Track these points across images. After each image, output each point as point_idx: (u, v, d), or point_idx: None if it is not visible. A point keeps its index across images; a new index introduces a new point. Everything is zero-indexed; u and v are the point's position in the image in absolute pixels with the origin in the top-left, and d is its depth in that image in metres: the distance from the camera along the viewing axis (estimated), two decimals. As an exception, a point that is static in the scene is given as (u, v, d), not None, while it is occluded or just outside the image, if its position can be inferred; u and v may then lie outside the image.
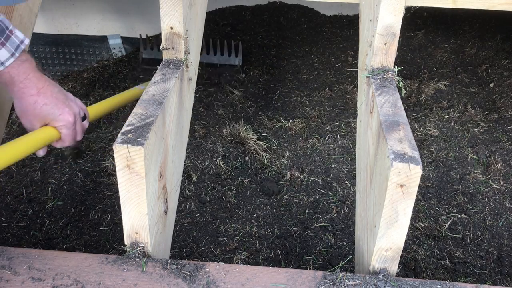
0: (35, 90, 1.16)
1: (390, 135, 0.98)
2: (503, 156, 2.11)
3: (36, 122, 1.19)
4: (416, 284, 0.95)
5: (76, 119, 1.24)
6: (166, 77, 1.23)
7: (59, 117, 1.19)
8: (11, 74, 1.13)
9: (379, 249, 0.98)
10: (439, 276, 1.63)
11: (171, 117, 1.20)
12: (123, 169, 0.95)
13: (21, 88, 1.15)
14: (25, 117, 1.19)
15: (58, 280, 0.94)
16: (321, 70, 2.80)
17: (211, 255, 1.69)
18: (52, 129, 1.20)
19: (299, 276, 0.97)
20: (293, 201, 1.90)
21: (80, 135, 1.29)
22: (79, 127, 1.28)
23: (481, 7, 1.62)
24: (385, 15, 1.23)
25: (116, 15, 3.12)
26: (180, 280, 0.95)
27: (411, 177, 0.90)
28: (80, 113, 1.27)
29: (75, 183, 2.01)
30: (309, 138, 2.24)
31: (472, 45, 2.94)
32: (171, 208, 1.26)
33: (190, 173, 2.00)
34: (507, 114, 2.38)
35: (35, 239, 1.77)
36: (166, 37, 1.31)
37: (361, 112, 1.38)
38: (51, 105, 1.17)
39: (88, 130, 2.34)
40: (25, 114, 1.18)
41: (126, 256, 1.01)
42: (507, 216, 1.86)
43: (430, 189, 1.96)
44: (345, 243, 1.72)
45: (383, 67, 1.28)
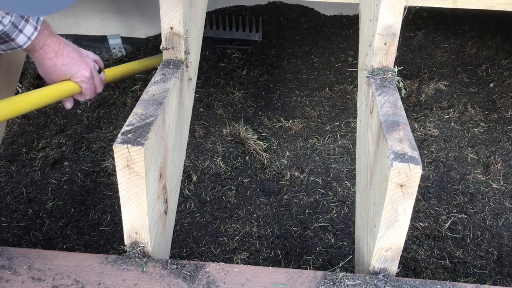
0: (53, 53, 1.28)
1: (390, 135, 0.98)
2: (503, 156, 2.11)
3: (57, 81, 1.34)
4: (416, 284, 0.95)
5: (92, 73, 1.36)
6: (166, 77, 1.23)
7: (76, 74, 1.32)
8: (33, 44, 1.24)
9: (379, 249, 0.98)
10: (439, 276, 1.64)
11: (171, 117, 1.20)
12: (123, 169, 0.95)
13: (41, 54, 1.27)
14: (48, 77, 1.34)
15: (58, 280, 0.94)
16: (321, 70, 2.80)
17: (211, 255, 1.69)
18: (73, 83, 1.34)
19: (299, 276, 0.97)
20: (293, 201, 1.90)
21: (99, 87, 1.42)
22: (97, 80, 1.40)
23: (481, 7, 1.62)
24: (385, 15, 1.23)
25: (116, 15, 3.12)
26: (180, 280, 0.95)
27: (411, 177, 0.90)
28: (95, 67, 1.39)
29: (75, 183, 2.01)
30: (309, 138, 2.24)
31: (472, 45, 2.94)
32: (171, 208, 1.26)
33: (190, 173, 2.00)
34: (507, 114, 2.38)
35: (35, 239, 1.77)
36: (166, 37, 1.31)
37: (361, 112, 1.38)
38: (69, 65, 1.31)
39: (88, 130, 2.35)
40: (47, 75, 1.33)
41: (126, 256, 1.01)
42: (507, 216, 1.86)
43: (430, 189, 1.96)
44: (345, 243, 1.72)
45: (383, 67, 1.28)
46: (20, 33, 1.20)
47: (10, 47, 1.22)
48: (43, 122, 2.46)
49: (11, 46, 1.22)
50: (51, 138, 2.32)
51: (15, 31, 1.19)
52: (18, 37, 1.20)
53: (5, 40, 1.19)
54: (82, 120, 2.43)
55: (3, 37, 1.18)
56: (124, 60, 3.02)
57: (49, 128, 2.41)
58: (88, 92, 1.38)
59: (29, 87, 2.86)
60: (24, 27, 1.20)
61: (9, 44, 1.20)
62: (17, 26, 1.18)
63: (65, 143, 2.27)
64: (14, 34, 1.18)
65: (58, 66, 1.30)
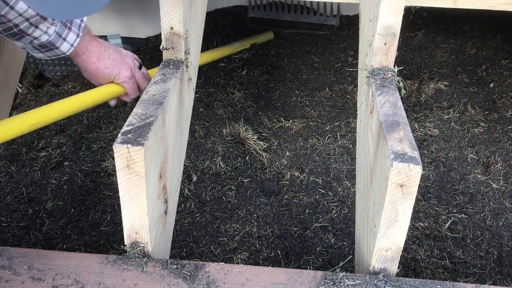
0: (95, 58, 1.37)
1: (390, 135, 0.98)
2: (503, 156, 2.11)
3: (103, 82, 1.42)
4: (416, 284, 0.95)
5: (133, 72, 1.44)
6: (166, 77, 1.24)
7: (119, 75, 1.41)
8: (76, 50, 1.32)
9: (379, 249, 0.98)
10: (439, 276, 1.64)
11: (171, 117, 1.20)
12: (123, 169, 0.95)
13: (84, 59, 1.36)
14: (93, 80, 1.44)
15: (58, 280, 0.94)
16: (321, 70, 2.80)
17: (211, 255, 1.69)
18: (116, 85, 1.43)
19: (299, 276, 0.97)
20: (293, 201, 1.90)
21: (143, 83, 1.48)
22: (139, 77, 1.47)
23: (481, 7, 1.62)
24: (385, 15, 1.23)
25: (116, 15, 3.12)
26: (180, 280, 0.95)
27: (411, 177, 0.90)
28: (135, 64, 1.47)
29: (75, 183, 2.01)
30: (309, 138, 2.24)
31: (472, 45, 2.94)
32: (171, 208, 1.26)
33: (190, 173, 2.00)
34: (507, 114, 2.38)
35: (35, 239, 1.77)
36: (166, 37, 1.31)
37: (361, 112, 1.38)
38: (111, 67, 1.39)
39: (88, 130, 2.35)
40: (92, 78, 1.43)
41: (126, 256, 1.01)
42: (507, 216, 1.86)
43: (430, 189, 1.96)
44: (345, 243, 1.73)
45: (383, 67, 1.28)
46: (64, 41, 1.27)
47: (55, 54, 1.29)
48: (43, 122, 2.45)
49: (55, 54, 1.29)
50: (51, 138, 2.32)
51: (59, 39, 1.26)
52: (62, 45, 1.27)
53: (50, 48, 1.26)
54: (82, 120, 2.43)
55: (48, 46, 1.25)
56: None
57: (49, 128, 2.41)
58: (132, 92, 1.46)
59: (29, 87, 2.86)
60: (67, 35, 1.27)
61: (53, 51, 1.28)
62: (61, 35, 1.26)
63: (65, 143, 2.27)
64: (59, 43, 1.26)
65: (101, 70, 1.38)
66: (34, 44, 1.24)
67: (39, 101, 2.72)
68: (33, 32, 1.19)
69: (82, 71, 1.41)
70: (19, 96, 2.84)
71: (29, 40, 1.22)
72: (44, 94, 2.77)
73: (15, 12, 1.12)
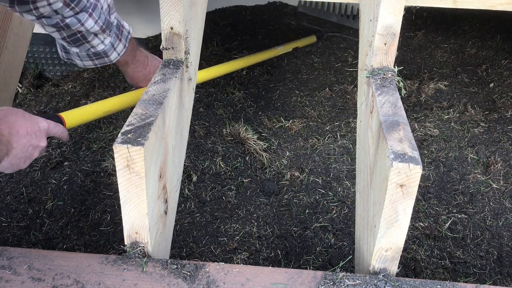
0: (142, 66, 1.50)
1: (390, 135, 0.98)
2: (503, 156, 2.11)
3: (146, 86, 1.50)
4: (416, 284, 0.95)
5: None
6: (166, 77, 1.23)
7: None
8: (126, 60, 1.45)
9: (379, 249, 0.98)
10: (439, 276, 1.64)
11: (171, 117, 1.20)
12: (123, 169, 0.95)
13: (133, 68, 1.49)
14: (139, 86, 1.56)
15: (58, 280, 0.94)
16: (321, 70, 2.80)
17: (211, 255, 1.69)
18: None
19: (299, 276, 0.97)
20: (293, 201, 1.90)
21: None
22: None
23: (481, 7, 1.62)
24: (385, 15, 1.23)
25: (116, 15, 3.12)
26: (180, 280, 0.95)
27: (411, 177, 0.90)
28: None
29: (75, 183, 2.01)
30: (309, 138, 2.24)
31: (472, 45, 2.94)
32: (171, 208, 1.26)
33: (190, 173, 2.00)
34: (507, 114, 2.38)
35: (35, 239, 1.77)
36: (166, 37, 1.31)
37: (361, 112, 1.38)
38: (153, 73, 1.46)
39: (88, 130, 2.35)
40: (139, 84, 1.55)
41: (126, 256, 1.01)
42: (507, 216, 1.86)
43: (430, 189, 1.96)
44: (345, 243, 1.73)
45: (383, 67, 1.28)
46: (114, 51, 1.38)
47: (103, 62, 1.40)
48: (43, 122, 2.45)
49: (103, 61, 1.40)
50: (51, 138, 2.32)
51: (112, 49, 1.37)
52: (112, 54, 1.37)
53: (102, 57, 1.36)
54: (82, 120, 2.43)
55: (101, 54, 1.35)
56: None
57: (49, 128, 2.40)
58: None
59: (29, 87, 2.86)
60: (118, 46, 1.38)
61: (103, 59, 1.38)
62: (113, 45, 1.37)
63: (65, 143, 2.27)
64: (110, 52, 1.37)
65: (148, 76, 1.51)
66: (89, 52, 1.33)
67: (39, 101, 2.72)
68: (92, 39, 1.30)
69: (129, 77, 1.54)
70: (19, 96, 2.84)
71: (87, 48, 1.31)
72: (44, 94, 2.77)
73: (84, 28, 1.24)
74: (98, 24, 1.27)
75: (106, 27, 1.31)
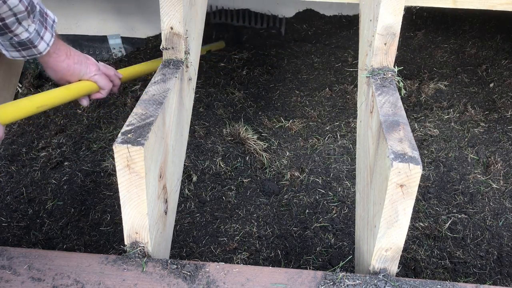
0: (64, 56, 1.36)
1: (390, 135, 0.98)
2: (503, 156, 2.11)
3: (72, 80, 1.40)
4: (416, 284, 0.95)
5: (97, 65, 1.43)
6: (166, 77, 1.23)
7: (87, 70, 1.40)
8: (48, 51, 1.30)
9: (379, 249, 0.98)
10: (439, 276, 1.64)
11: (171, 117, 1.20)
12: (123, 169, 0.95)
13: (55, 58, 1.34)
14: (63, 79, 1.40)
15: (58, 280, 0.94)
16: (321, 70, 2.80)
17: (211, 255, 1.69)
18: (88, 81, 1.41)
19: (299, 276, 0.97)
20: (293, 201, 1.90)
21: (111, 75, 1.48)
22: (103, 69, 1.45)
23: (481, 7, 1.62)
24: (385, 15, 1.23)
25: (116, 15, 3.12)
26: (180, 280, 0.95)
27: (411, 177, 0.90)
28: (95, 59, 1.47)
29: (75, 183, 2.01)
30: (309, 138, 2.24)
31: (472, 45, 2.94)
32: (171, 208, 1.26)
33: (190, 173, 2.00)
34: (507, 114, 2.38)
35: (35, 239, 1.77)
36: (166, 37, 1.31)
37: (361, 112, 1.38)
38: (79, 62, 1.38)
39: (88, 130, 2.35)
40: (63, 77, 1.40)
41: (126, 256, 1.01)
42: (507, 216, 1.86)
43: (430, 189, 1.96)
44: (345, 243, 1.72)
45: (383, 67, 1.28)
46: (41, 40, 1.26)
47: (31, 54, 1.28)
48: (43, 122, 2.45)
49: (32, 53, 1.27)
50: (51, 138, 2.32)
51: (38, 38, 1.24)
52: (40, 44, 1.25)
53: (28, 47, 1.25)
54: (82, 120, 2.43)
55: (27, 44, 1.23)
56: (124, 60, 3.02)
57: (49, 128, 2.41)
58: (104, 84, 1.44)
59: (29, 87, 2.86)
60: (44, 34, 1.26)
61: (30, 50, 1.26)
62: (39, 34, 1.25)
63: (65, 143, 2.27)
64: (37, 41, 1.24)
65: (71, 66, 1.37)
66: (13, 41, 1.22)
67: (39, 101, 2.72)
68: (16, 28, 1.18)
69: (51, 71, 1.39)
70: (19, 96, 2.84)
71: (9, 37, 1.20)
72: (44, 94, 2.77)
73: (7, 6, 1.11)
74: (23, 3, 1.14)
75: (31, 8, 1.18)
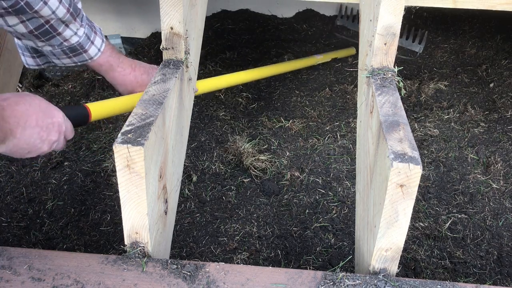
0: (130, 68, 1.36)
1: (390, 135, 0.98)
2: (503, 156, 2.11)
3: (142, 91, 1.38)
4: (416, 284, 0.95)
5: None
6: (166, 77, 1.23)
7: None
8: (110, 63, 1.31)
9: (379, 249, 0.98)
10: (439, 276, 1.64)
11: (171, 117, 1.20)
12: (123, 169, 0.95)
13: (120, 72, 1.34)
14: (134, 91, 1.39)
15: (58, 280, 0.94)
16: (321, 70, 2.80)
17: (211, 255, 1.69)
18: None
19: (299, 276, 0.97)
20: (293, 201, 1.90)
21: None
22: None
23: (481, 7, 1.62)
24: (385, 15, 1.23)
25: (116, 15, 3.12)
26: (180, 280, 0.95)
27: (411, 177, 0.90)
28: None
29: (75, 183, 2.01)
30: (309, 138, 2.24)
31: (472, 45, 2.94)
32: (171, 208, 1.26)
33: (190, 173, 2.00)
34: (507, 114, 2.38)
35: (35, 239, 1.77)
36: (166, 37, 1.31)
37: (361, 112, 1.38)
38: (146, 73, 1.39)
39: (88, 130, 2.35)
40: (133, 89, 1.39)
41: (126, 256, 1.01)
42: (507, 216, 1.86)
43: (430, 189, 1.96)
44: (345, 243, 1.72)
45: (383, 67, 1.28)
46: (92, 45, 1.25)
47: (82, 60, 1.26)
48: (43, 122, 2.45)
49: (83, 59, 1.26)
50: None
51: (88, 42, 1.24)
52: (90, 49, 1.25)
53: (79, 52, 1.24)
54: (82, 120, 2.43)
55: (78, 49, 1.23)
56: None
57: (49, 128, 2.40)
58: None
59: (29, 87, 2.86)
60: (95, 39, 1.26)
61: (82, 56, 1.25)
62: (89, 38, 1.24)
63: (65, 143, 2.27)
64: (87, 45, 1.24)
65: (139, 77, 1.37)
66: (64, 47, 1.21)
67: (39, 101, 2.72)
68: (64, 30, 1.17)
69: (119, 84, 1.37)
70: (19, 96, 2.84)
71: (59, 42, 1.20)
72: (44, 94, 2.77)
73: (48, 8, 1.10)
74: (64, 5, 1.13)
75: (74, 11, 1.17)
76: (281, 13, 3.25)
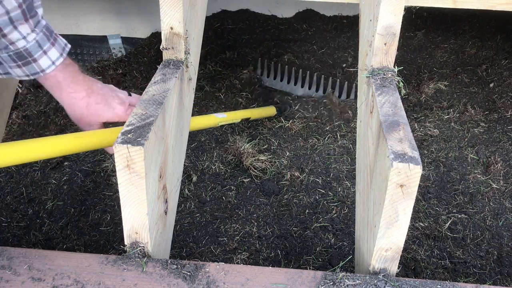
0: (83, 92, 1.16)
1: (390, 135, 0.98)
2: (503, 156, 2.11)
3: (93, 122, 1.20)
4: (416, 284, 0.95)
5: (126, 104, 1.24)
6: (166, 77, 1.23)
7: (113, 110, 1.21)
8: (57, 79, 1.12)
9: (379, 249, 0.98)
10: (439, 276, 1.64)
11: (171, 117, 1.20)
12: (123, 169, 0.95)
13: (70, 93, 1.15)
14: (82, 120, 1.20)
15: (58, 280, 0.94)
16: (321, 70, 2.80)
17: (211, 255, 1.69)
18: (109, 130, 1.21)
19: (299, 276, 0.97)
20: (293, 201, 1.90)
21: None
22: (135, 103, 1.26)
23: (481, 7, 1.62)
24: (385, 15, 1.23)
25: (116, 15, 3.12)
26: (180, 280, 0.95)
27: (411, 177, 0.90)
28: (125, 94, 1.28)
29: (75, 183, 2.01)
30: (309, 138, 2.24)
31: (472, 45, 2.94)
32: (171, 208, 1.26)
33: (190, 173, 2.01)
34: (507, 114, 2.38)
35: (35, 239, 1.77)
36: (166, 37, 1.31)
37: (361, 112, 1.38)
38: (103, 102, 1.19)
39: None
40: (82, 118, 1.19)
41: (126, 256, 1.01)
42: (507, 216, 1.86)
43: (430, 189, 1.96)
44: (345, 243, 1.72)
45: (383, 67, 1.28)
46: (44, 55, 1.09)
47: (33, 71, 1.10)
48: (43, 122, 2.45)
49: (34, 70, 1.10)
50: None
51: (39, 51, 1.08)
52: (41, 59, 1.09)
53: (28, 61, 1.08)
54: (82, 120, 2.43)
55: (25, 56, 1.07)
56: (124, 60, 3.02)
57: (49, 128, 2.41)
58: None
59: (29, 87, 2.86)
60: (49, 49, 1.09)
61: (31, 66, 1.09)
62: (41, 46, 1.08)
63: (65, 143, 2.27)
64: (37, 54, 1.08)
65: (92, 106, 1.18)
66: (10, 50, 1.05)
67: (39, 101, 2.72)
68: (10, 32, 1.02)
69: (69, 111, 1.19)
70: (19, 96, 2.84)
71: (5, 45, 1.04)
72: (44, 94, 2.77)
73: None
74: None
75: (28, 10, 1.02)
76: (281, 13, 3.25)
